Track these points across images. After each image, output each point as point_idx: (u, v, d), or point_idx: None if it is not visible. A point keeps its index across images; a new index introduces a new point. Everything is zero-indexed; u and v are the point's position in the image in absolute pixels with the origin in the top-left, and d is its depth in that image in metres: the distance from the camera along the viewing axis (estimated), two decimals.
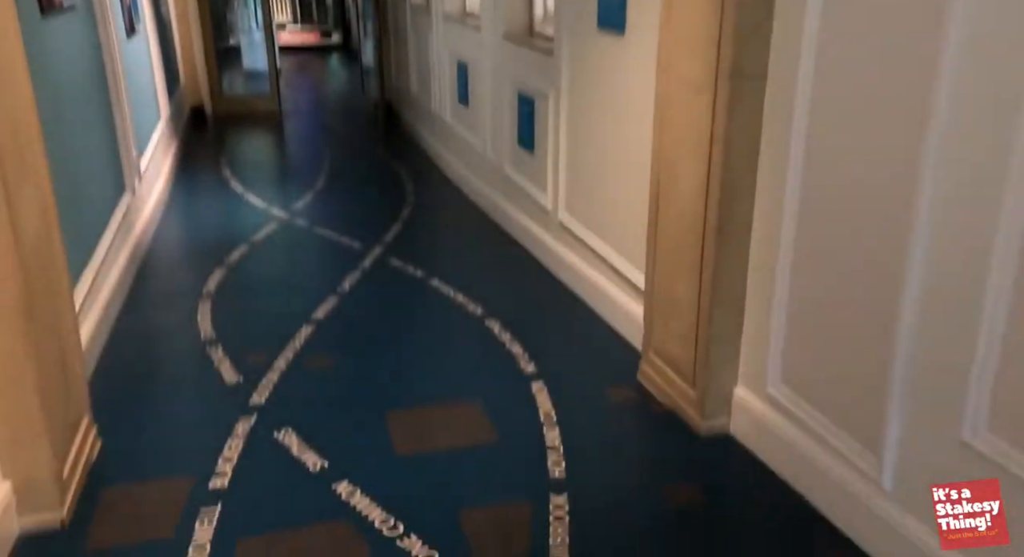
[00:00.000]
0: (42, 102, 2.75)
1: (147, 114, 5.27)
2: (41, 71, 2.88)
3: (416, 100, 7.27)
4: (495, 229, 4.95)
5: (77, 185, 3.21)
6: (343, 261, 4.35)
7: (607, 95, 3.48)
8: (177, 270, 4.27)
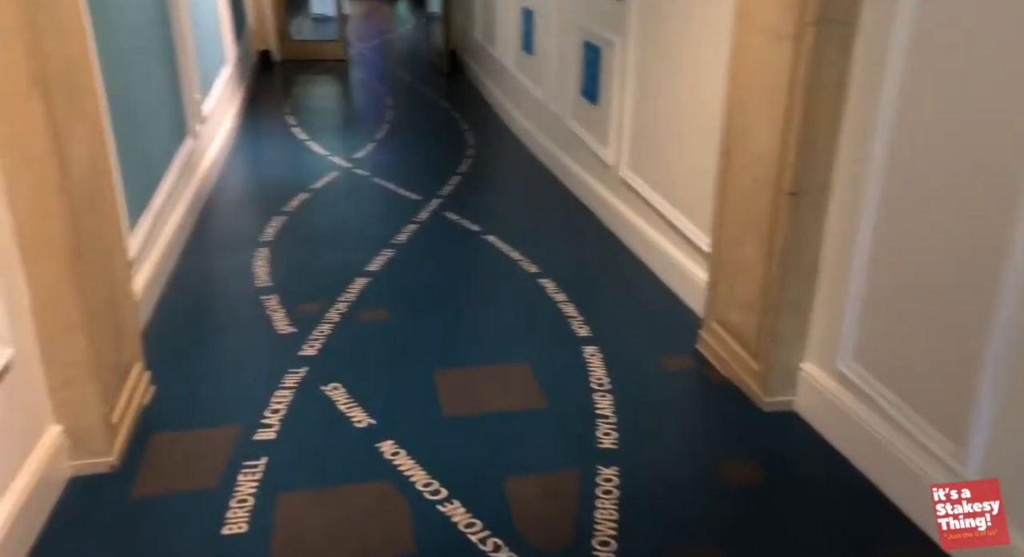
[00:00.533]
0: (101, 41, 2.71)
1: (212, 58, 5.23)
2: (101, 9, 2.82)
3: (480, 48, 7.06)
4: (555, 184, 4.78)
5: (137, 127, 3.18)
6: (400, 213, 4.27)
7: (678, 44, 3.25)
8: (237, 216, 4.26)
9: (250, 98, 6.69)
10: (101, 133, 2.24)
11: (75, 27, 2.07)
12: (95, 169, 2.17)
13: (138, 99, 3.21)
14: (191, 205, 3.94)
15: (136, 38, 3.27)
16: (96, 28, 2.61)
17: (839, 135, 2.27)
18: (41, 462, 1.97)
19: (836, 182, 2.30)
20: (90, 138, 2.15)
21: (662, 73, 3.42)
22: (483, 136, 5.86)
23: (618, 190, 3.96)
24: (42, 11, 1.84)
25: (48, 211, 1.89)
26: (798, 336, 2.47)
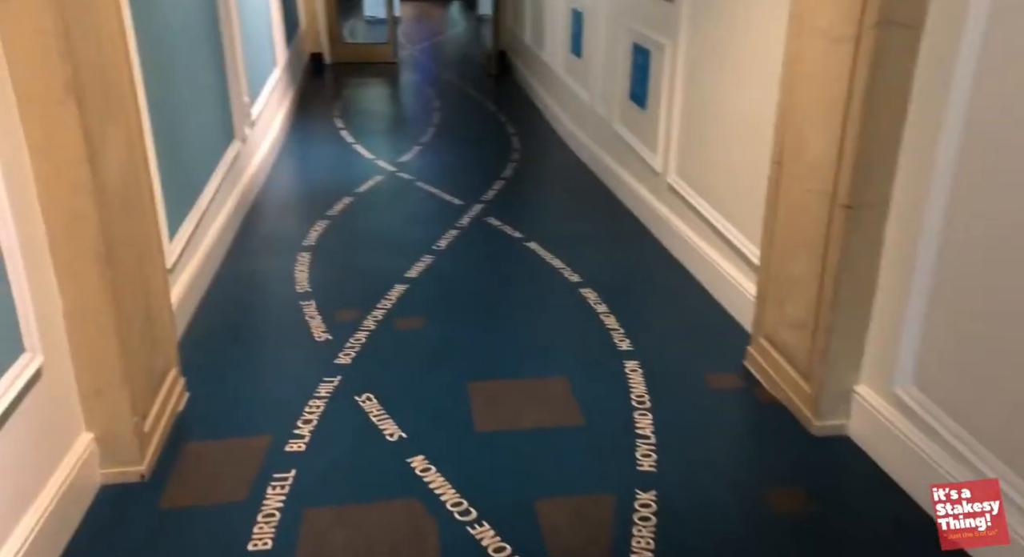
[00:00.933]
0: (144, 45, 2.71)
1: (262, 61, 5.26)
2: (146, 11, 2.82)
3: (529, 51, 6.98)
4: (601, 189, 4.67)
5: (180, 131, 3.18)
6: (442, 218, 4.21)
7: (729, 47, 3.12)
8: (282, 220, 4.26)
9: (300, 100, 6.74)
10: (138, 138, 2.22)
11: (112, 31, 2.06)
12: (131, 175, 2.15)
13: (182, 103, 3.22)
14: (237, 208, 3.95)
15: (182, 42, 3.28)
16: (138, 32, 2.61)
17: (900, 144, 2.12)
18: (72, 470, 1.95)
19: (896, 195, 2.15)
20: (126, 143, 2.13)
21: (712, 77, 3.29)
22: (529, 140, 5.78)
23: (665, 197, 3.84)
24: (77, 16, 1.82)
25: (80, 216, 1.87)
26: (852, 357, 2.32)
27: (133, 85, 2.20)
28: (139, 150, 2.23)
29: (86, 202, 1.87)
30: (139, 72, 2.60)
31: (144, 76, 2.65)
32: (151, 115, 2.70)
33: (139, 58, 2.61)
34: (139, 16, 2.65)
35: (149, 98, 2.69)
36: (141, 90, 2.62)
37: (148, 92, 2.68)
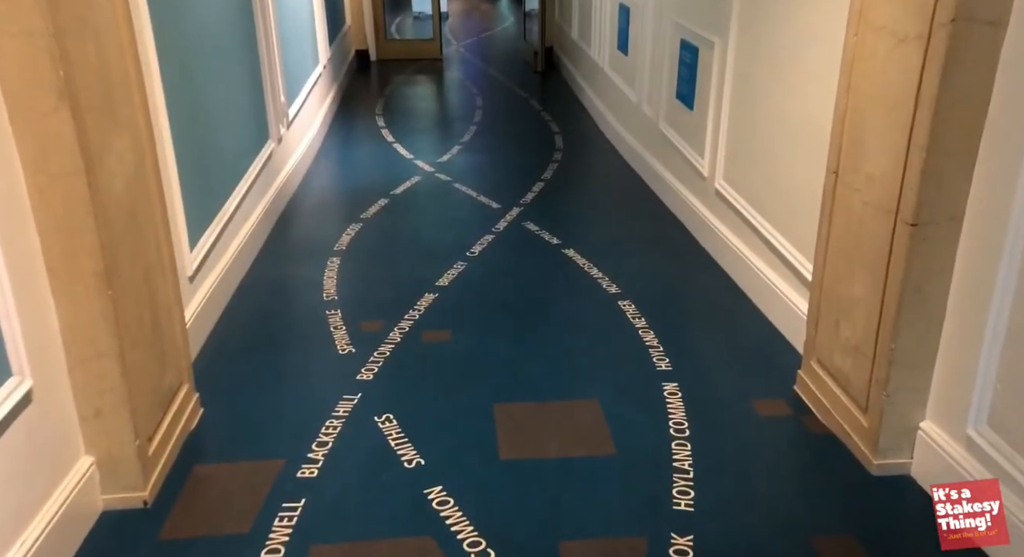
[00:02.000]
0: (169, 44, 2.60)
1: (303, 59, 5.17)
2: (170, 10, 2.72)
3: (576, 47, 6.76)
4: (645, 192, 4.45)
5: (209, 133, 3.08)
6: (478, 222, 4.05)
7: (782, 45, 2.87)
8: (315, 222, 4.14)
9: (343, 98, 6.65)
10: (150, 146, 2.10)
11: (118, 32, 1.93)
12: (139, 185, 2.03)
13: (210, 105, 3.11)
14: (269, 211, 3.85)
15: (212, 42, 3.17)
16: (160, 32, 2.50)
17: (976, 155, 1.87)
18: (69, 495, 1.85)
19: (971, 212, 1.90)
20: (134, 153, 2.01)
21: (764, 77, 3.05)
22: (572, 139, 5.57)
23: (713, 204, 3.60)
24: (73, 15, 1.70)
25: (77, 231, 1.76)
26: (918, 391, 2.07)
27: (143, 90, 2.08)
28: (150, 159, 2.11)
29: (84, 217, 1.75)
30: (157, 75, 2.49)
31: (165, 78, 2.54)
32: (172, 119, 2.59)
33: (159, 60, 2.50)
34: (160, 15, 2.54)
35: (170, 101, 2.58)
36: (159, 94, 2.51)
37: (169, 95, 2.58)
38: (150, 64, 2.45)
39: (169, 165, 2.58)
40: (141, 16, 2.39)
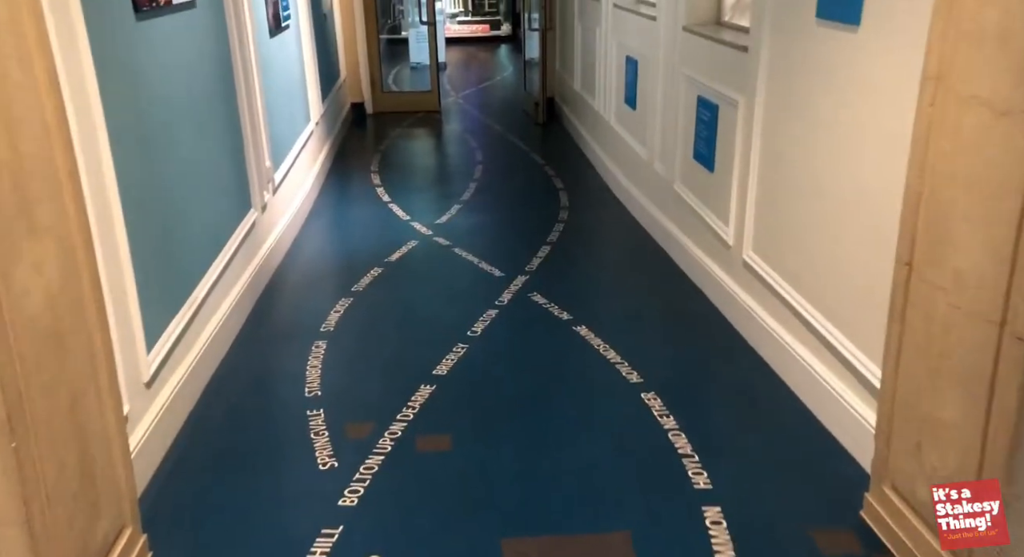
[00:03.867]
0: (126, 119, 2.25)
1: (292, 118, 4.83)
2: (133, 82, 2.37)
3: (579, 99, 6.46)
4: (662, 258, 4.06)
5: (175, 212, 2.70)
6: (480, 294, 3.66)
7: (823, 107, 2.51)
8: (302, 298, 3.74)
9: (338, 154, 6.32)
10: (83, 245, 1.72)
11: (40, 113, 1.56)
12: (65, 297, 1.64)
13: (176, 180, 2.74)
14: (250, 287, 3.46)
15: (180, 109, 2.81)
16: (112, 104, 2.14)
17: None
18: None
19: None
20: (59, 257, 1.62)
21: (800, 141, 2.68)
22: (579, 196, 5.22)
23: (741, 277, 3.21)
24: None
25: None
26: None
27: (77, 180, 1.70)
28: (84, 262, 1.72)
29: None
30: (107, 155, 2.12)
31: (118, 157, 2.18)
32: (126, 204, 2.22)
33: (111, 137, 2.14)
34: (112, 84, 2.18)
35: (124, 183, 2.21)
36: (110, 176, 2.14)
37: (123, 176, 2.20)
38: (97, 144, 2.08)
39: (121, 259, 2.19)
40: (86, 88, 2.03)
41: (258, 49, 3.94)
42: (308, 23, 5.48)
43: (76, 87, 1.99)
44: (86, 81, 2.04)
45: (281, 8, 4.58)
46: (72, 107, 1.95)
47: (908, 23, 2.03)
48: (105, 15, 2.20)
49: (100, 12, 2.16)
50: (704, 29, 3.59)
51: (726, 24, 3.64)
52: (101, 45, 2.14)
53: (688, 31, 3.69)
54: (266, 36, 4.23)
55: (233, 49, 3.52)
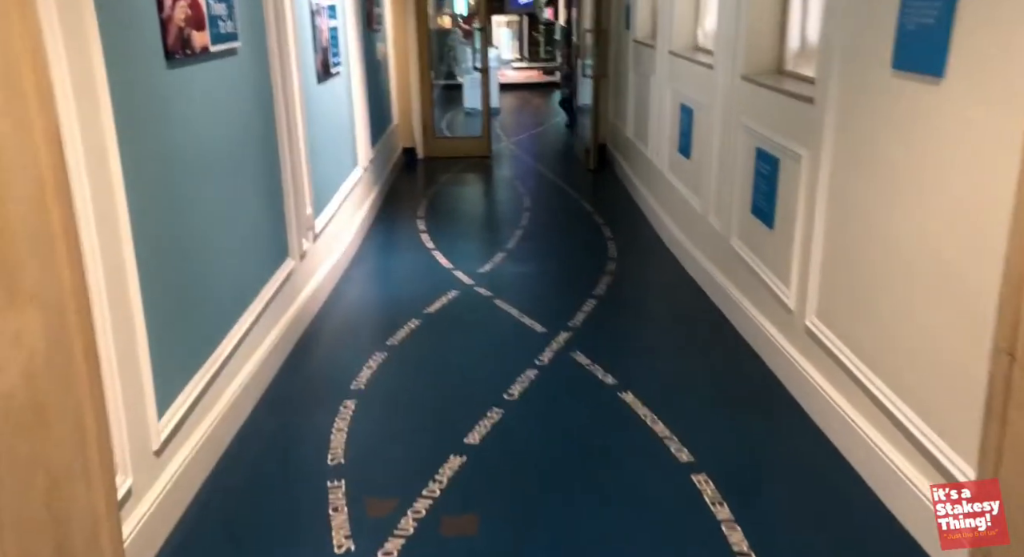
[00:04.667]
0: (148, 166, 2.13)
1: (337, 164, 4.75)
2: (159, 131, 2.27)
3: (631, 146, 6.26)
4: (715, 317, 3.78)
5: (202, 263, 2.57)
6: (520, 351, 3.43)
7: (903, 166, 2.24)
8: (336, 351, 3.58)
9: (385, 199, 6.24)
10: (78, 311, 1.56)
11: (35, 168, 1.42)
12: (51, 371, 1.48)
13: (203, 230, 2.61)
14: (282, 340, 3.31)
15: (213, 155, 2.70)
16: (131, 152, 2.03)
17: None
18: None
19: None
20: (45, 327, 1.46)
21: (872, 201, 2.41)
22: (629, 246, 4.98)
23: (804, 345, 2.91)
24: None
25: None
26: None
27: (72, 237, 1.55)
28: (77, 331, 1.56)
29: None
30: (124, 208, 2.00)
31: (136, 211, 2.05)
32: (142, 258, 2.08)
33: (129, 189, 2.02)
34: (134, 134, 2.07)
35: (143, 237, 2.08)
36: (125, 227, 2.01)
37: (140, 230, 2.08)
38: (113, 198, 1.96)
39: (133, 319, 2.05)
40: (104, 139, 1.92)
41: (304, 96, 3.86)
42: (360, 70, 5.44)
43: (92, 138, 1.88)
44: (104, 132, 1.93)
45: (331, 55, 4.53)
46: (84, 160, 1.83)
47: (1001, 74, 1.78)
48: (132, 63, 2.10)
49: (126, 60, 2.06)
50: (764, 78, 3.37)
51: (788, 73, 3.41)
52: (125, 94, 2.04)
53: (747, 80, 3.47)
54: (313, 83, 4.16)
55: (276, 96, 3.43)
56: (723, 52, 3.78)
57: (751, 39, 3.47)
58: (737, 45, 3.59)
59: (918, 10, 2.11)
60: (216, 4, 2.67)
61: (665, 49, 4.95)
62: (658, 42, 5.14)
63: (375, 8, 6.13)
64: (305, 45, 3.98)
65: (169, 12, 2.29)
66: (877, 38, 2.32)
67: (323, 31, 4.33)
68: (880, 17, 2.29)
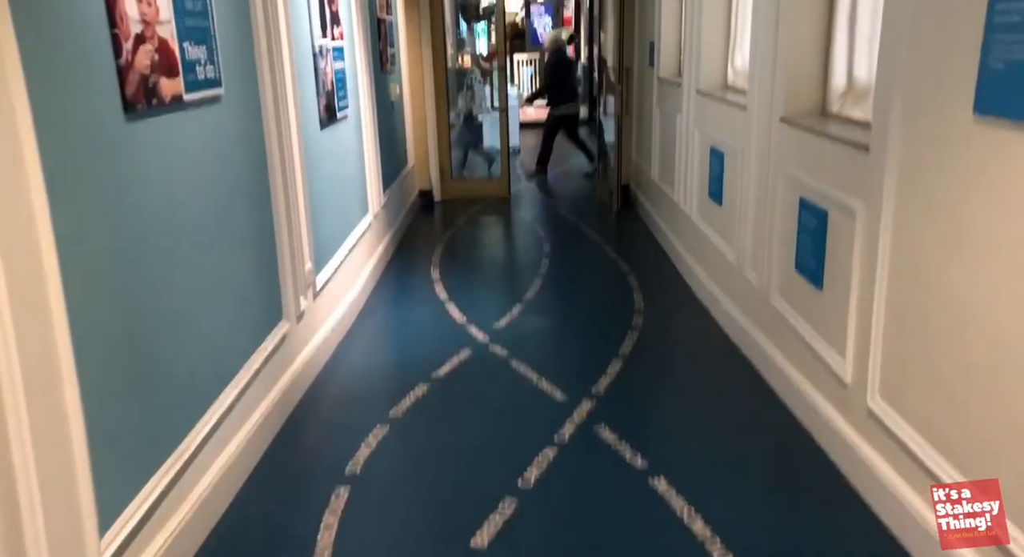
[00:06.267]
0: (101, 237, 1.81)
1: (344, 213, 4.45)
2: (122, 192, 1.96)
3: (656, 188, 5.91)
4: (757, 384, 3.37)
5: (168, 346, 2.24)
6: (538, 425, 3.05)
7: (988, 225, 1.85)
8: (332, 426, 3.21)
9: (399, 246, 5.93)
10: None
11: None
12: None
13: (170, 307, 2.28)
14: (271, 415, 2.96)
15: (182, 222, 2.38)
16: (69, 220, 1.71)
17: None
18: None
19: None
20: None
21: (948, 264, 2.02)
22: (656, 298, 4.60)
23: (864, 426, 2.50)
24: None
25: None
26: None
27: None
28: None
29: None
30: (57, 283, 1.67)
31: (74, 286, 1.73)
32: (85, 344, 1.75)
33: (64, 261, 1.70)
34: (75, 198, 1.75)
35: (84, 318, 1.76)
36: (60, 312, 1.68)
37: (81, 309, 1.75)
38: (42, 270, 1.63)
39: (68, 417, 1.70)
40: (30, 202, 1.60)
41: (304, 144, 3.57)
42: (371, 112, 5.17)
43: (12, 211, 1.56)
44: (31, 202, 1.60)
45: (337, 99, 4.25)
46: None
47: None
48: (76, 118, 1.80)
49: (66, 116, 1.75)
50: (808, 121, 3.00)
51: (833, 116, 3.05)
52: (67, 154, 1.73)
53: (787, 123, 3.10)
54: (316, 129, 3.88)
55: (270, 146, 3.14)
56: (758, 92, 3.43)
57: (790, 77, 3.12)
58: (774, 84, 3.23)
59: (1007, 45, 1.74)
60: (193, 48, 2.38)
61: (692, 88, 4.61)
62: (684, 80, 4.81)
63: (389, 48, 5.89)
64: (306, 89, 3.70)
65: (128, 58, 1.99)
66: (953, 78, 1.95)
67: (327, 74, 4.06)
68: (956, 53, 1.93)
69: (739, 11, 4.22)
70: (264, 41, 3.06)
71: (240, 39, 2.87)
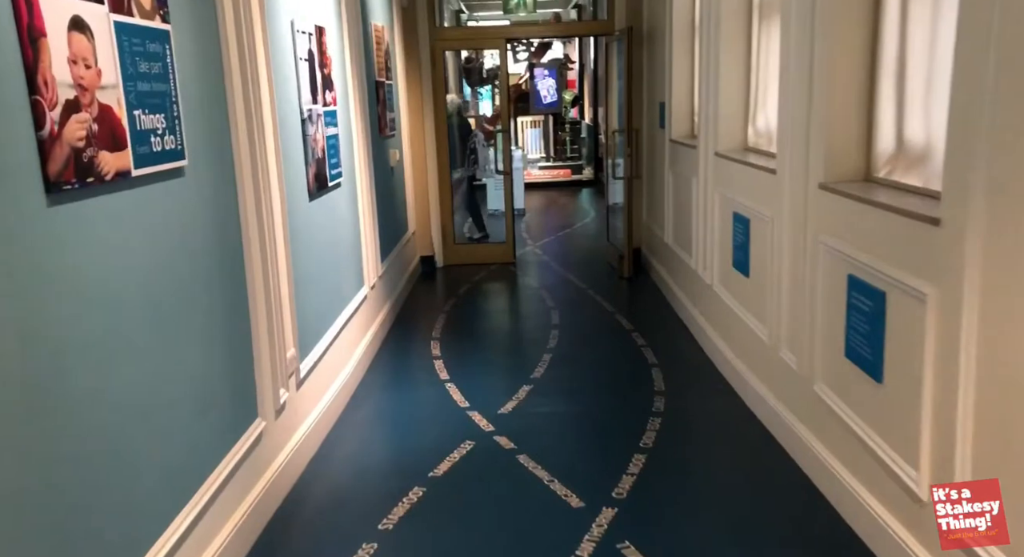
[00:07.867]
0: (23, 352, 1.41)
1: (335, 289, 4.06)
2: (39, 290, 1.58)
3: (671, 253, 5.53)
4: (801, 485, 2.91)
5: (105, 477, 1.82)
6: (550, 539, 2.61)
7: None
8: (312, 543, 2.74)
9: (397, 318, 5.52)
10: None
11: None
12: None
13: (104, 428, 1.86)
14: (237, 537, 2.50)
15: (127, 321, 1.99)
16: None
17: None
18: None
19: None
20: None
21: None
22: (677, 376, 4.16)
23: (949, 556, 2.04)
24: None
25: None
26: None
27: None
28: None
29: None
30: None
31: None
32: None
33: None
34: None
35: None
36: None
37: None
38: None
39: None
40: None
41: (289, 217, 3.21)
42: (368, 179, 4.84)
43: None
44: None
45: (329, 167, 3.92)
46: None
47: None
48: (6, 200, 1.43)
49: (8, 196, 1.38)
50: (853, 188, 2.62)
51: (880, 181, 2.67)
52: None
53: (828, 190, 2.73)
54: (303, 200, 3.53)
55: (246, 221, 2.77)
56: (790, 155, 3.07)
57: (829, 140, 2.76)
58: (809, 147, 2.87)
59: None
60: (148, 116, 2.03)
61: (710, 150, 4.28)
62: (700, 142, 4.48)
63: (388, 112, 5.62)
64: (292, 158, 3.36)
65: (53, 130, 1.63)
66: None
67: (318, 140, 3.73)
68: None
69: (761, 70, 3.91)
70: (241, 106, 2.73)
71: (212, 105, 2.54)
